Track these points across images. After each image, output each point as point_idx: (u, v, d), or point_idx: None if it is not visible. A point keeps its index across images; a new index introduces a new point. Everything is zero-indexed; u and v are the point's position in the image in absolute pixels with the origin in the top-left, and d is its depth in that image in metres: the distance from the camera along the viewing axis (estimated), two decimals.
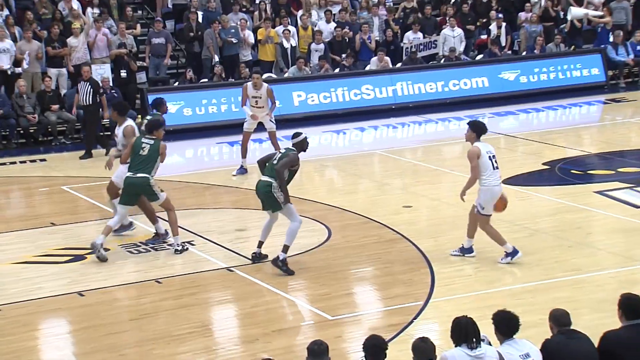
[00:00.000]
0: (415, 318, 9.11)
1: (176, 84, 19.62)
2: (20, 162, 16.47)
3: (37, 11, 19.12)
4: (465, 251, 10.71)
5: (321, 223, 12.27)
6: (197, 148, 18.14)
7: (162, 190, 11.18)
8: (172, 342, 8.71)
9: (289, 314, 9.66)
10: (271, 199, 10.37)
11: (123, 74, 18.81)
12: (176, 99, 18.59)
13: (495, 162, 10.36)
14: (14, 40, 18.26)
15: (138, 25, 20.15)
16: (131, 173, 10.98)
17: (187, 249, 11.25)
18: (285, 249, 10.38)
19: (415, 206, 13.08)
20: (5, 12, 18.89)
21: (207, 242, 11.62)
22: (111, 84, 18.40)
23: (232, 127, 15.41)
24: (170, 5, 21.29)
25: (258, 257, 10.77)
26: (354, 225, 12.22)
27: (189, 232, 11.93)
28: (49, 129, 17.71)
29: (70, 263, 10.97)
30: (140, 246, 11.48)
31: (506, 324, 6.47)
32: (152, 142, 11.03)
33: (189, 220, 12.36)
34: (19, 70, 18.00)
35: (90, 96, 16.64)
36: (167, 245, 11.36)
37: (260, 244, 10.77)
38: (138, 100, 18.96)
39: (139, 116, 17.32)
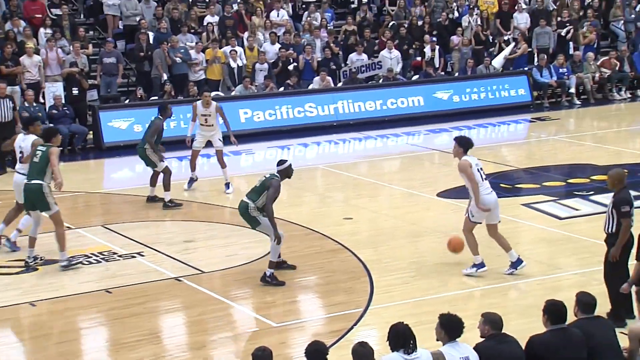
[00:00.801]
0: (355, 324, 9.11)
1: (127, 101, 19.41)
2: None
3: None
4: (516, 264, 10.41)
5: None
6: None
7: (56, 203, 10.84)
8: (122, 350, 8.58)
9: (235, 321, 9.58)
10: (248, 218, 10.25)
11: (75, 91, 18.53)
12: (127, 116, 18.39)
13: (483, 173, 10.37)
14: None
15: (90, 45, 19.89)
16: (27, 180, 10.79)
17: (76, 264, 10.88)
18: (271, 264, 10.26)
19: (355, 218, 13.10)
20: None
21: (156, 252, 11.47)
22: (63, 102, 18.12)
23: (180, 143, 15.26)
24: (121, 27, 21.07)
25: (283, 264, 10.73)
26: (298, 236, 12.19)
27: (139, 243, 11.77)
28: None
29: (22, 274, 10.73)
30: (91, 257, 11.28)
31: (451, 327, 6.50)
32: (44, 149, 10.81)
33: (139, 231, 12.20)
34: None
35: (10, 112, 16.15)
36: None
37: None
38: (90, 117, 18.70)
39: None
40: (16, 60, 18.11)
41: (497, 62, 22.21)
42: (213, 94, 19.87)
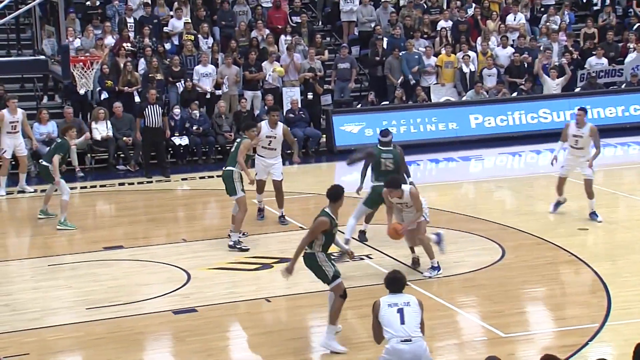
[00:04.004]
0: (590, 340, 8.71)
1: (359, 106, 19.86)
2: (217, 176, 17.13)
3: (237, 39, 19.91)
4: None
5: (495, 242, 12.00)
6: None
7: (243, 190, 11.83)
8: (352, 350, 8.75)
9: (462, 329, 9.49)
10: None
11: (310, 96, 19.26)
12: (359, 120, 18.83)
13: None
14: (215, 65, 19.13)
15: (326, 51, 20.57)
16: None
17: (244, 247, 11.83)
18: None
19: (591, 229, 12.54)
20: (210, 40, 19.80)
21: (384, 256, 11.62)
22: (299, 106, 18.89)
23: (411, 147, 15.37)
24: (356, 33, 21.60)
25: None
26: (528, 245, 11.87)
27: (368, 245, 11.99)
28: None
29: (259, 270, 11.29)
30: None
31: None
32: (239, 140, 12.22)
33: (368, 234, 12.39)
34: (219, 92, 18.83)
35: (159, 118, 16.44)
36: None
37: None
38: (323, 121, 19.33)
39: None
40: (259, 66, 19.12)
41: None
42: (443, 98, 19.92)
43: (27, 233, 13.39)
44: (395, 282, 7.46)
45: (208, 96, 18.71)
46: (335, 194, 8.80)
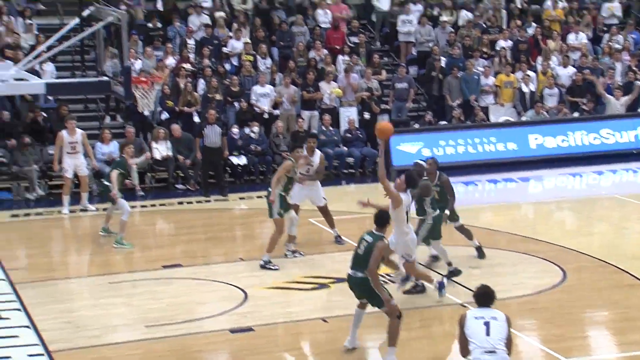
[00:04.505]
0: None
1: (416, 126, 19.81)
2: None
3: (295, 59, 20.09)
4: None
5: (555, 264, 11.81)
6: None
7: (279, 213, 11.93)
8: None
9: (521, 352, 9.34)
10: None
11: (367, 115, 19.29)
12: (416, 140, 18.77)
13: None
14: (273, 85, 19.32)
15: (383, 71, 20.60)
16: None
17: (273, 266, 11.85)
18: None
19: None
20: (268, 60, 20.02)
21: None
22: (357, 125, 18.93)
23: (469, 168, 15.26)
24: (414, 52, 21.60)
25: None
26: (590, 268, 11.66)
27: (426, 267, 11.91)
28: None
29: (316, 290, 11.30)
30: (384, 277, 11.57)
31: None
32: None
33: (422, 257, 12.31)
34: (276, 112, 19.00)
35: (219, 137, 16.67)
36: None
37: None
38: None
39: None
40: (316, 86, 19.25)
41: None
42: (502, 118, 19.76)
43: (88, 251, 13.64)
44: (484, 296, 7.51)
45: (266, 116, 18.88)
46: (382, 219, 9.04)
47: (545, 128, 19.31)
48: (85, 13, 11.96)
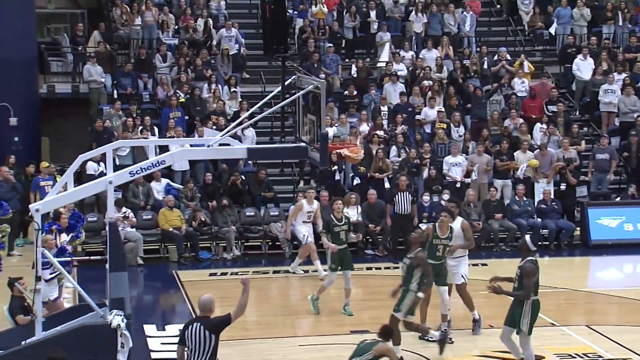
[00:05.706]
0: None
1: (618, 199, 18.98)
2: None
3: (489, 127, 19.91)
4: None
5: None
6: (636, 263, 17.21)
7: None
8: None
9: None
10: None
11: (563, 187, 18.73)
12: (617, 214, 18.02)
13: None
14: (466, 152, 19.23)
15: (583, 142, 19.99)
16: None
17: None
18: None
19: None
20: (461, 128, 19.92)
21: None
22: (552, 197, 18.40)
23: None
24: (616, 123, 20.85)
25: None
26: None
27: (626, 348, 11.27)
28: (491, 236, 18.13)
29: None
30: (575, 357, 11.07)
31: None
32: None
33: (627, 336, 11.65)
34: (467, 180, 18.86)
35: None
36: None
37: None
38: (577, 213, 18.63)
39: None
40: (510, 155, 18.96)
41: None
42: None
43: (283, 312, 13.97)
44: None
45: (458, 185, 18.78)
46: (387, 333, 9.33)
47: None
48: (287, 82, 12.51)
